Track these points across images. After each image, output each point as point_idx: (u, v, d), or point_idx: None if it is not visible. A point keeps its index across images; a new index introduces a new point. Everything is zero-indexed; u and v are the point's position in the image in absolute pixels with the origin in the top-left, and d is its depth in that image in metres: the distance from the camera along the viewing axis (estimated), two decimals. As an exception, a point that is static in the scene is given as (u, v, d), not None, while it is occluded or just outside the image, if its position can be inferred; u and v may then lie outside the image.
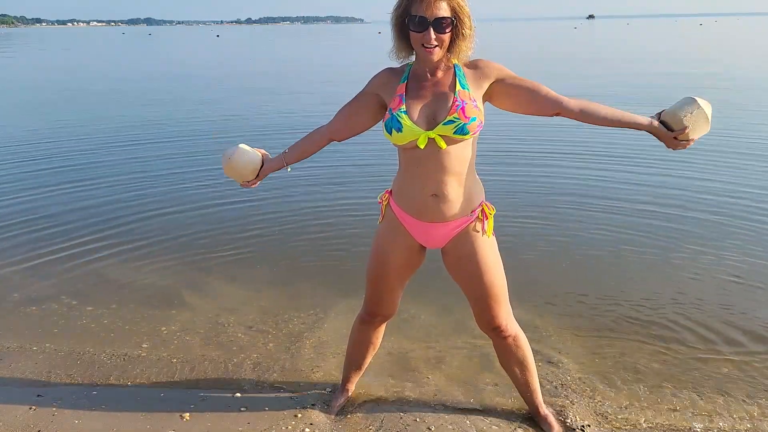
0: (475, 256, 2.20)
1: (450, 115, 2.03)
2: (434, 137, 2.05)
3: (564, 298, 3.69)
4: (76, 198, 5.92)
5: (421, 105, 2.08)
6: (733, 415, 2.58)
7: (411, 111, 2.07)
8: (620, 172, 6.49)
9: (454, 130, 2.04)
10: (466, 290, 2.31)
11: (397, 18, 2.06)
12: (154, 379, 2.89)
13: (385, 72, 2.21)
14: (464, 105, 2.04)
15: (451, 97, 2.06)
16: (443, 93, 2.08)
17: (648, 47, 33.58)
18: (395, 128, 2.06)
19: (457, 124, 2.03)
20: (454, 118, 2.03)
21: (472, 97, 2.07)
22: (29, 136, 9.24)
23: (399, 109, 2.07)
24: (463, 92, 2.07)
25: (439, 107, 2.07)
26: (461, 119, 2.03)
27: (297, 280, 3.99)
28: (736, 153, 7.19)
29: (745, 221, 4.86)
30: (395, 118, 2.06)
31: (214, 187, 6.22)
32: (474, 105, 2.06)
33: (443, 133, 2.05)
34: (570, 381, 2.82)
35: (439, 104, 2.07)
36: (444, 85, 2.09)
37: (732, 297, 3.64)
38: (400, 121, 2.05)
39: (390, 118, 2.08)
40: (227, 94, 14.59)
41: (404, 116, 2.06)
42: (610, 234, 4.71)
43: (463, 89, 2.07)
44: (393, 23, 2.07)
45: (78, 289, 3.91)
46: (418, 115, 2.07)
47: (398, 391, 2.76)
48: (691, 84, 14.32)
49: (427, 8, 1.96)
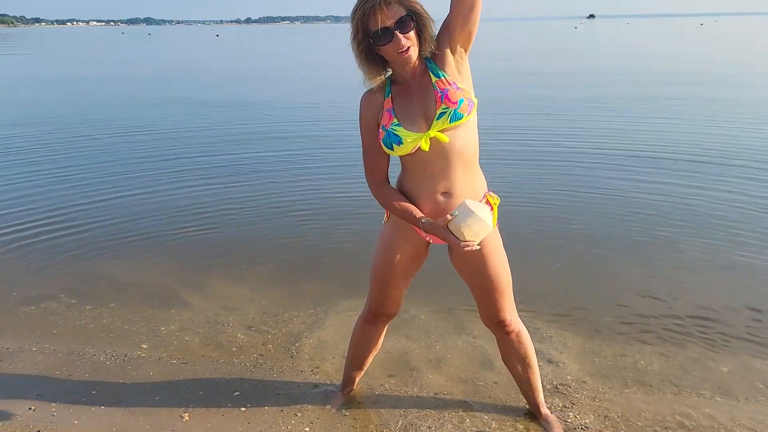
0: (481, 249, 2.19)
1: (438, 108, 2.03)
2: (435, 135, 2.04)
3: (564, 298, 3.69)
4: (76, 198, 5.91)
5: (411, 111, 2.08)
6: (733, 414, 2.57)
7: (404, 121, 2.07)
8: (621, 171, 6.48)
9: (448, 119, 2.03)
10: (472, 284, 2.32)
11: (359, 44, 2.02)
12: (154, 379, 2.89)
13: (365, 97, 2.18)
14: (446, 92, 2.03)
15: (432, 91, 2.05)
16: (425, 91, 2.08)
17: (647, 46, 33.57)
18: (395, 143, 2.07)
19: (448, 113, 2.03)
20: (444, 108, 2.03)
21: (451, 81, 2.06)
22: (25, 135, 9.24)
23: (392, 124, 2.08)
24: (439, 81, 2.06)
25: (427, 106, 2.07)
26: (449, 106, 2.02)
27: (297, 280, 3.99)
28: (738, 155, 7.20)
29: (747, 222, 4.86)
30: (391, 133, 2.07)
31: (214, 187, 6.22)
32: (456, 88, 2.05)
33: (441, 128, 2.04)
34: (570, 381, 2.82)
35: (426, 103, 2.07)
36: (424, 83, 2.09)
37: (732, 297, 3.63)
38: (398, 134, 2.06)
39: (386, 135, 2.09)
40: (228, 96, 14.59)
41: (399, 129, 2.06)
42: (610, 233, 4.70)
43: (439, 78, 2.06)
44: (357, 51, 2.04)
45: (77, 288, 3.91)
46: (412, 121, 2.07)
47: (399, 391, 2.76)
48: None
49: (384, 18, 1.95)
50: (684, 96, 12.25)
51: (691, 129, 8.73)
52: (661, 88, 13.60)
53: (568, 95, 12.91)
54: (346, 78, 15.24)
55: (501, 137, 8.17)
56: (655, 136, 8.30)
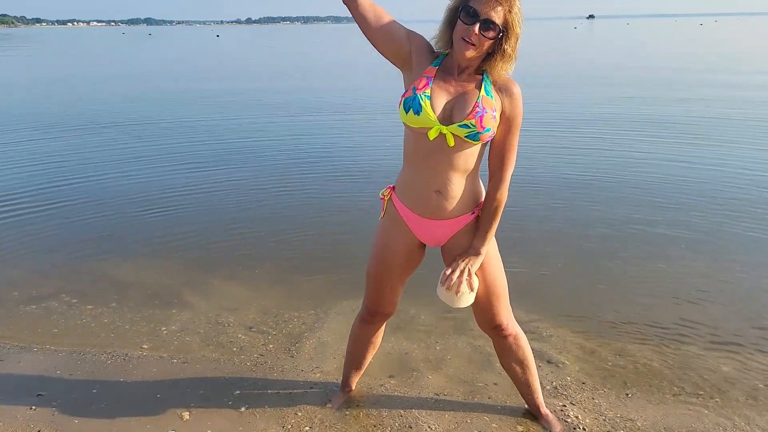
0: None
1: (468, 119, 2.01)
2: (446, 133, 2.03)
3: (564, 297, 3.69)
4: (75, 198, 5.91)
5: (443, 96, 2.06)
6: (733, 414, 2.58)
7: (433, 98, 2.05)
8: (621, 172, 6.49)
9: (467, 134, 2.02)
10: None
11: (453, 6, 2.04)
12: (154, 379, 2.89)
13: (427, 42, 2.15)
14: (484, 114, 2.02)
15: (473, 101, 2.03)
16: (467, 92, 2.06)
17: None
18: (414, 109, 2.03)
19: (471, 129, 2.02)
20: (471, 123, 2.01)
21: (494, 107, 2.05)
22: (21, 137, 9.25)
23: (423, 92, 2.04)
24: (486, 99, 2.04)
25: (459, 105, 2.04)
26: (477, 127, 2.01)
27: (297, 281, 3.99)
28: (743, 157, 7.20)
29: (746, 221, 4.86)
30: (417, 99, 2.03)
31: (214, 187, 6.22)
32: (493, 116, 2.04)
33: (455, 133, 2.03)
34: (570, 381, 2.82)
35: (460, 102, 2.05)
36: (469, 85, 2.07)
37: (732, 297, 3.64)
38: (422, 104, 2.02)
39: (411, 97, 2.05)
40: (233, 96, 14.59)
41: (426, 101, 2.03)
42: (610, 233, 4.70)
43: (488, 96, 2.05)
44: (447, 10, 2.05)
45: (78, 288, 3.91)
46: (439, 105, 2.05)
47: (399, 391, 2.76)
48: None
49: (485, 5, 1.95)
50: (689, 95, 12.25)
51: (695, 130, 8.75)
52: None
53: (569, 95, 12.91)
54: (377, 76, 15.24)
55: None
56: (656, 135, 8.32)
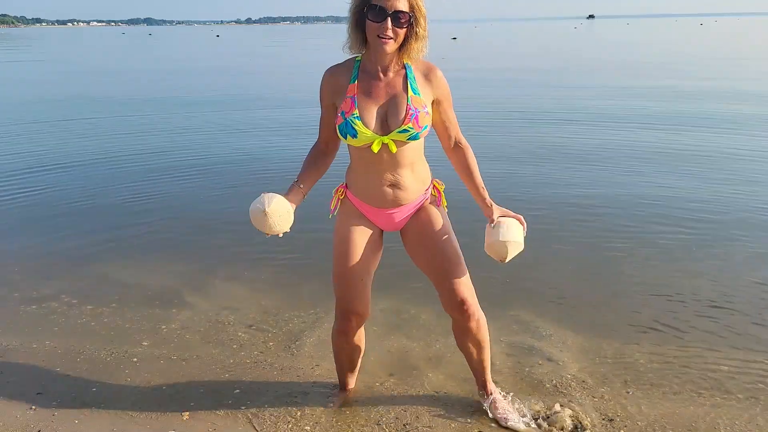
0: (430, 225, 2.28)
1: (405, 124, 2.09)
2: (388, 142, 2.10)
3: (564, 297, 3.69)
4: (75, 198, 5.92)
5: (374, 108, 2.11)
6: (733, 414, 2.57)
7: (364, 115, 2.10)
8: (622, 174, 6.50)
9: (407, 137, 2.11)
10: (426, 266, 2.34)
11: (356, 8, 2.06)
12: (155, 378, 2.89)
13: (329, 77, 2.19)
14: (417, 114, 2.09)
15: (404, 104, 2.09)
16: (396, 96, 2.11)
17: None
18: (350, 134, 2.11)
19: (410, 132, 2.09)
20: (408, 127, 2.09)
21: (423, 104, 2.12)
22: (30, 136, 9.25)
23: (352, 114, 2.10)
24: (415, 99, 2.10)
25: (392, 111, 2.10)
26: (414, 129, 2.09)
27: (297, 280, 3.99)
28: (745, 161, 7.20)
29: (748, 225, 4.86)
30: (349, 124, 2.10)
31: (214, 186, 6.23)
32: (425, 112, 2.12)
33: (396, 139, 2.10)
34: (570, 380, 2.82)
35: (392, 108, 2.10)
36: (396, 86, 2.12)
37: (732, 297, 3.64)
38: (355, 127, 2.09)
39: (344, 124, 2.11)
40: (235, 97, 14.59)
41: (358, 122, 2.09)
42: (610, 233, 4.71)
43: (416, 95, 2.11)
44: (351, 13, 2.07)
45: (78, 287, 3.91)
46: (372, 118, 2.10)
47: (399, 389, 2.76)
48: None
49: (388, 0, 1.99)
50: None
51: (696, 134, 8.74)
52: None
53: (569, 96, 12.92)
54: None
55: (506, 135, 8.17)
56: (655, 135, 8.31)
